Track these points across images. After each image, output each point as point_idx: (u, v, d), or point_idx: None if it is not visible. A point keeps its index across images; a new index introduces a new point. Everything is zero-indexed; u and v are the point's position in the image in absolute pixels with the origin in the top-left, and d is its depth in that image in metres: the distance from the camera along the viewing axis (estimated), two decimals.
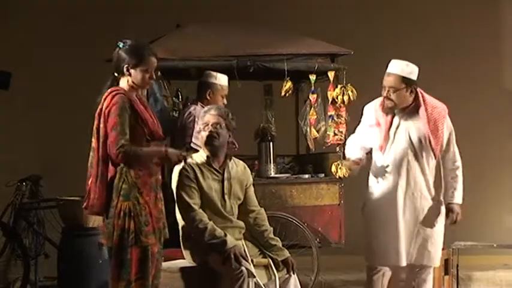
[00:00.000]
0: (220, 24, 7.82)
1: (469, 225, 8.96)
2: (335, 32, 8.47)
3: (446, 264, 6.87)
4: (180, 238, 5.63)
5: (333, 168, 7.20)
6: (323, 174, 7.42)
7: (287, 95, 7.41)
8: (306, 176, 7.47)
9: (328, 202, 7.28)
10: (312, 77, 7.40)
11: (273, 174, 7.52)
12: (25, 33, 9.27)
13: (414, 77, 5.82)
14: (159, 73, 6.30)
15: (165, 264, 5.25)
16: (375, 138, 5.94)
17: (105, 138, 4.95)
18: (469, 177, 9.19)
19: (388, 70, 5.86)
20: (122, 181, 4.96)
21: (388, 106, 5.85)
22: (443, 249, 6.80)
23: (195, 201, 5.49)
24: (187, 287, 5.49)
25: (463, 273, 7.33)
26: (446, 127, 5.88)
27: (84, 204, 5.08)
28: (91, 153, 5.04)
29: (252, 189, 5.79)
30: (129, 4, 9.28)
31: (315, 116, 7.49)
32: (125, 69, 5.03)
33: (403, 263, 5.82)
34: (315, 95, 7.50)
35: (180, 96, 7.52)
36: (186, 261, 5.63)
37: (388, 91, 5.81)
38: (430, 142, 5.80)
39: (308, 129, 7.59)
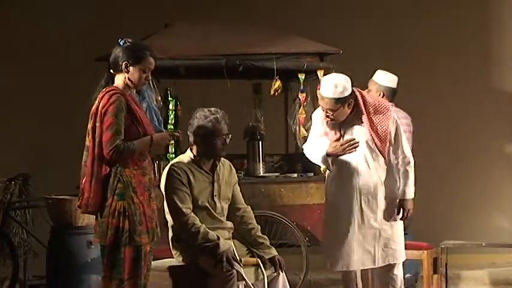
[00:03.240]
0: (209, 23, 7.81)
1: (457, 224, 9.04)
2: (324, 31, 8.47)
3: (435, 263, 6.87)
4: (169, 238, 5.62)
5: (322, 167, 7.20)
6: (312, 174, 7.42)
7: (276, 94, 7.41)
8: (295, 175, 7.47)
9: (317, 201, 7.26)
10: (301, 76, 7.40)
11: (262, 173, 7.52)
12: (14, 32, 9.24)
13: (348, 92, 5.75)
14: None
15: (152, 263, 5.24)
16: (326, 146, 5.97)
17: (101, 137, 4.93)
18: (458, 176, 9.32)
19: (321, 93, 5.83)
20: (116, 180, 4.95)
21: (331, 123, 5.87)
22: (432, 248, 6.84)
23: (187, 206, 5.47)
24: (175, 286, 5.50)
25: (451, 272, 7.33)
26: (392, 123, 5.82)
27: (78, 203, 5.08)
28: (85, 152, 5.03)
29: (238, 187, 5.79)
30: (117, 3, 9.25)
31: (304, 115, 7.49)
32: (123, 66, 5.01)
33: (353, 268, 5.87)
34: (304, 94, 7.50)
35: (169, 95, 7.50)
36: (174, 260, 5.62)
37: (327, 111, 5.81)
38: (376, 144, 5.79)
39: (297, 128, 7.58)
